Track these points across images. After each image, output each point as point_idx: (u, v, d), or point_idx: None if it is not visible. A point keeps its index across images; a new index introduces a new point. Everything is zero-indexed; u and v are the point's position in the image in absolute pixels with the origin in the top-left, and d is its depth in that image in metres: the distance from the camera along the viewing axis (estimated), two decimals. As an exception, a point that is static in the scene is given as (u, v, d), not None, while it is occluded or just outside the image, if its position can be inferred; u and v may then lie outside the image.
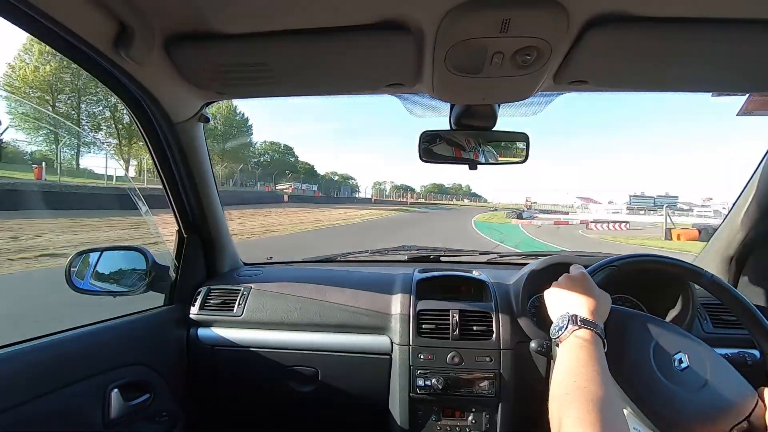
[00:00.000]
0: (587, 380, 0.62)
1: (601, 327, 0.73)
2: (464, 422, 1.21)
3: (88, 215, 11.96)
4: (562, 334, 0.73)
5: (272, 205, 29.31)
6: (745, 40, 0.76)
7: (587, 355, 0.67)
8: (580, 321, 0.72)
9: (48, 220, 11.20)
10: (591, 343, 0.69)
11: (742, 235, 1.24)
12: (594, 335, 0.71)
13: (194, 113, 1.16)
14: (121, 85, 0.98)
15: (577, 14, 0.71)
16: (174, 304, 1.38)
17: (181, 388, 1.33)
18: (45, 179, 16.21)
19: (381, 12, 0.74)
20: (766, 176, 1.13)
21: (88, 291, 1.27)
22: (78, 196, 14.24)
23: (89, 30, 0.76)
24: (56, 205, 12.93)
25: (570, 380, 0.63)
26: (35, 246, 7.45)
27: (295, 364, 1.32)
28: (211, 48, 0.85)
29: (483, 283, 1.34)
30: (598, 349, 0.69)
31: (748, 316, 0.83)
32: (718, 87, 1.00)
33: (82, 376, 1.01)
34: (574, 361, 0.67)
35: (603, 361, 0.67)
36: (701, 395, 0.72)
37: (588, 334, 0.71)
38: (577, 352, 0.68)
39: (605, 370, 0.66)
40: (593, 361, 0.66)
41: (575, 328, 0.72)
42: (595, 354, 0.67)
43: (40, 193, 13.85)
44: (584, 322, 0.72)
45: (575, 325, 0.72)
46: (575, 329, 0.72)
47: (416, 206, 56.09)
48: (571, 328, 0.72)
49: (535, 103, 1.12)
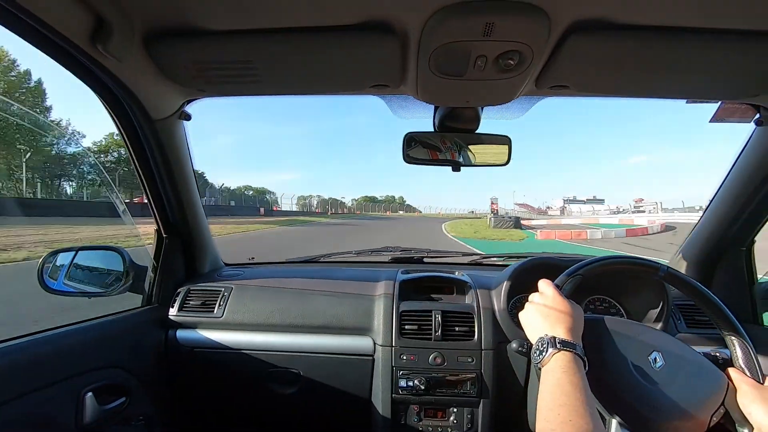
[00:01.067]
0: (572, 413, 0.62)
1: (580, 346, 0.74)
2: (446, 422, 1.22)
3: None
4: (543, 358, 0.73)
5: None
6: (719, 50, 0.79)
7: (570, 382, 0.67)
8: (559, 344, 0.73)
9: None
10: (572, 366, 0.70)
11: (714, 238, 1.28)
12: (574, 356, 0.71)
13: (175, 110, 1.14)
14: (99, 81, 0.95)
15: (559, 20, 0.73)
16: (152, 305, 1.35)
17: (158, 391, 1.30)
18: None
19: (366, 13, 0.74)
20: (735, 181, 1.17)
21: (62, 292, 1.23)
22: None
23: (65, 24, 0.74)
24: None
25: (555, 413, 0.63)
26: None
27: (276, 366, 1.31)
28: (193, 44, 0.83)
29: (465, 284, 1.35)
30: (580, 372, 0.69)
31: (703, 300, 0.86)
32: (693, 95, 1.03)
33: (54, 379, 0.98)
34: (557, 390, 0.67)
35: (586, 386, 0.68)
36: (679, 391, 0.75)
37: (568, 357, 0.71)
38: (559, 377, 0.68)
39: (589, 396, 0.66)
40: (576, 389, 0.66)
41: (555, 352, 0.72)
42: (577, 380, 0.68)
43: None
44: (563, 344, 0.73)
45: (555, 348, 0.72)
46: (555, 353, 0.72)
47: (337, 217, 53.72)
48: (551, 352, 0.72)
49: (517, 106, 1.14)
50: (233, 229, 19.26)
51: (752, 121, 1.07)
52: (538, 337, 0.77)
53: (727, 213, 1.21)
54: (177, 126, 1.19)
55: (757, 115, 1.05)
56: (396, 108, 1.18)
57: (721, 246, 1.27)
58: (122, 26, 0.77)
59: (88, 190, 32.07)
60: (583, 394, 0.66)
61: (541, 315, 0.81)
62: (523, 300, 1.29)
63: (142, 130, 1.13)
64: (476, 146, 1.20)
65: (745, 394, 0.74)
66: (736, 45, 0.78)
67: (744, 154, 1.13)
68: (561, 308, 0.80)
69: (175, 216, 1.35)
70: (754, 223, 1.19)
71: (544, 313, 0.81)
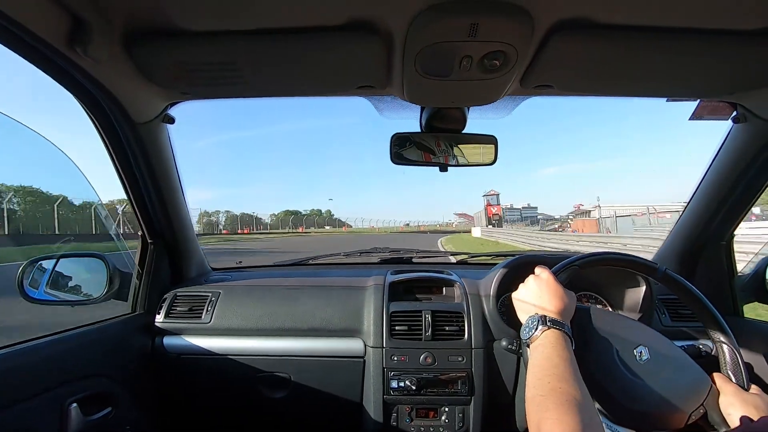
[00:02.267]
0: (561, 381, 0.64)
1: (568, 326, 0.77)
2: (437, 422, 1.22)
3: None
4: (532, 334, 0.75)
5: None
6: (698, 49, 0.82)
7: (558, 356, 0.69)
8: (549, 321, 0.75)
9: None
10: (561, 342, 0.72)
11: (695, 233, 1.31)
12: (563, 335, 0.74)
13: (157, 114, 1.11)
14: (78, 83, 0.92)
15: (543, 21, 0.73)
16: (138, 312, 1.33)
17: (146, 400, 1.28)
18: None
19: (350, 13, 0.74)
20: (714, 177, 1.20)
21: (43, 301, 1.20)
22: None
23: (40, 24, 0.71)
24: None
25: (545, 381, 0.65)
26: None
27: (266, 371, 1.29)
28: (175, 46, 0.81)
29: (454, 284, 1.36)
30: (568, 348, 0.72)
31: (699, 307, 0.88)
32: (673, 93, 1.06)
33: (38, 390, 0.95)
34: (546, 362, 0.69)
35: (573, 360, 0.70)
36: (662, 386, 0.76)
37: (557, 334, 0.74)
38: (549, 352, 0.71)
39: (576, 369, 0.68)
40: (565, 361, 0.68)
41: (545, 329, 0.74)
42: (566, 354, 0.70)
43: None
44: (553, 323, 0.75)
45: (545, 325, 0.75)
46: (545, 330, 0.74)
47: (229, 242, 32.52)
48: (541, 329, 0.75)
49: (503, 106, 1.15)
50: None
51: (729, 118, 1.10)
52: (528, 316, 0.79)
53: (707, 209, 1.24)
54: (160, 129, 1.17)
55: (734, 113, 1.08)
56: (382, 108, 1.18)
57: (702, 241, 1.30)
58: (101, 27, 0.75)
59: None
60: (572, 366, 0.68)
61: (534, 295, 0.83)
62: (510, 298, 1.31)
63: (124, 135, 1.10)
64: (463, 146, 1.20)
65: (727, 398, 0.76)
66: (714, 44, 0.80)
67: (722, 150, 1.16)
68: (554, 290, 0.82)
69: (160, 221, 1.33)
70: (733, 218, 1.23)
71: (537, 293, 0.83)
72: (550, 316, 0.77)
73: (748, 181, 1.14)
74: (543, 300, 0.81)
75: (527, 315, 0.81)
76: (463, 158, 1.20)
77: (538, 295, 0.82)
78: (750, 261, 1.30)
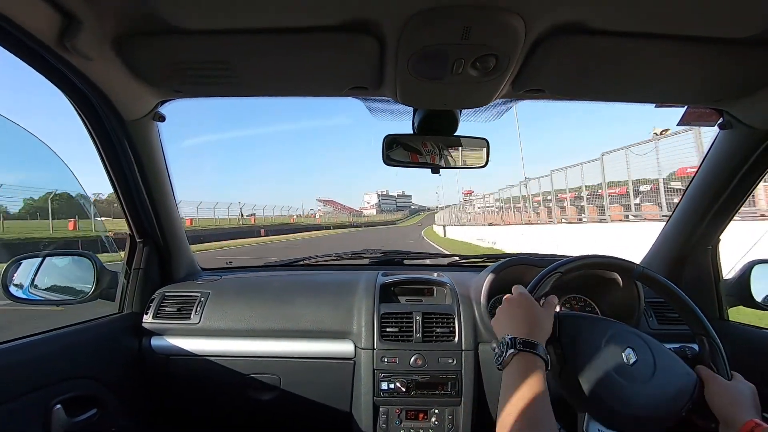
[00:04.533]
0: (528, 423, 0.63)
1: (542, 347, 0.74)
2: (427, 423, 1.22)
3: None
4: (503, 359, 0.73)
5: None
6: (686, 56, 0.83)
7: (529, 388, 0.67)
8: (519, 344, 0.73)
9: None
10: (532, 368, 0.70)
11: (683, 237, 1.33)
12: (534, 357, 0.72)
13: (148, 111, 1.10)
14: (67, 80, 0.91)
15: (535, 25, 0.74)
16: (125, 313, 1.31)
17: (133, 402, 1.26)
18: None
19: (344, 14, 0.74)
20: (701, 182, 1.22)
21: (28, 301, 1.18)
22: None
23: (30, 20, 0.70)
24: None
25: (511, 419, 0.64)
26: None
27: (256, 372, 1.29)
28: (167, 43, 0.81)
29: (445, 286, 1.36)
30: (540, 374, 0.69)
31: (678, 303, 0.90)
32: (661, 99, 1.08)
33: (20, 391, 0.93)
34: (516, 396, 0.67)
35: (545, 392, 0.68)
36: (651, 386, 0.77)
37: (528, 358, 0.71)
38: (518, 382, 0.69)
39: (547, 404, 0.66)
40: (534, 395, 0.66)
41: (514, 352, 0.72)
42: (536, 384, 0.68)
43: None
44: (524, 344, 0.73)
45: (513, 348, 0.72)
46: (514, 353, 0.72)
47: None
48: (510, 353, 0.72)
49: (494, 109, 1.15)
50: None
51: (716, 124, 1.12)
52: (500, 338, 0.77)
53: (694, 213, 1.26)
54: (150, 127, 1.16)
55: (720, 119, 1.10)
56: (374, 110, 1.19)
57: (688, 245, 1.32)
58: (92, 23, 0.74)
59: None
60: (541, 402, 0.66)
61: (507, 317, 0.82)
62: (502, 300, 1.31)
63: (113, 132, 1.09)
64: (455, 148, 1.21)
65: (712, 390, 0.78)
66: (702, 52, 0.81)
67: (709, 156, 1.18)
68: (526, 310, 0.80)
69: (150, 220, 1.31)
70: (719, 222, 1.24)
71: (509, 315, 0.81)
72: (521, 338, 0.74)
73: (734, 187, 1.15)
74: (514, 321, 0.79)
75: (500, 338, 0.79)
76: (454, 160, 1.20)
77: (510, 316, 0.81)
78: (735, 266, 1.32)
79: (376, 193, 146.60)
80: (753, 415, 0.73)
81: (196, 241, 17.51)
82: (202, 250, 15.80)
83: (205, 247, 17.24)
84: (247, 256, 14.02)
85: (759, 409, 0.77)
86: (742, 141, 1.08)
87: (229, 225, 34.83)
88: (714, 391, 0.77)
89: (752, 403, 0.77)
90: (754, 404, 0.77)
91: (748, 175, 1.12)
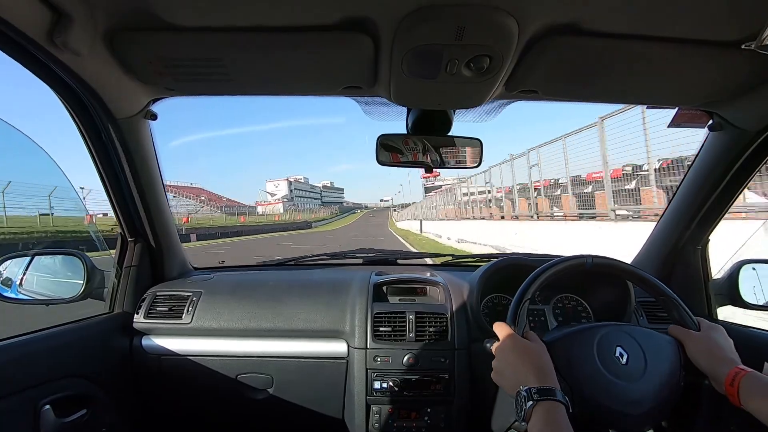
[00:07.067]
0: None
1: (560, 392, 0.70)
2: (420, 422, 1.23)
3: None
4: (524, 415, 0.69)
5: None
6: (677, 58, 0.84)
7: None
8: (535, 394, 0.69)
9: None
10: (554, 418, 0.67)
11: (672, 238, 1.34)
12: (554, 405, 0.68)
13: (140, 109, 1.08)
14: (57, 77, 0.89)
15: (528, 26, 0.74)
16: (116, 312, 1.30)
17: (124, 402, 1.25)
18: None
19: (339, 13, 0.74)
20: (691, 183, 1.23)
21: (16, 300, 1.16)
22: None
23: (19, 15, 0.68)
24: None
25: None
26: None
27: (248, 372, 1.28)
28: (160, 40, 0.80)
29: (438, 285, 1.36)
30: (563, 421, 0.67)
31: (635, 277, 0.94)
32: (653, 100, 1.09)
33: (8, 391, 0.92)
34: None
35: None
36: (648, 376, 0.79)
37: (547, 407, 0.68)
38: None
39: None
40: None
41: (534, 405, 0.69)
42: (562, 430, 0.65)
43: None
44: (540, 393, 0.69)
45: (532, 400, 0.69)
46: (534, 405, 0.68)
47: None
48: (530, 405, 0.69)
49: (488, 109, 1.16)
50: None
51: (706, 126, 1.13)
52: (515, 393, 0.73)
53: (684, 214, 1.28)
54: (142, 126, 1.15)
55: (710, 121, 1.11)
56: (368, 109, 1.19)
57: (678, 245, 1.33)
58: (82, 19, 0.73)
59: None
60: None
61: (508, 367, 0.79)
62: (494, 300, 1.32)
63: (104, 130, 1.07)
64: (448, 148, 1.21)
65: (690, 349, 0.82)
66: (693, 54, 0.82)
67: (699, 158, 1.19)
68: (521, 352, 0.78)
69: (141, 218, 1.30)
70: (708, 223, 1.26)
71: (509, 363, 0.78)
72: (535, 387, 0.70)
73: (723, 188, 1.17)
74: (518, 370, 0.75)
75: (513, 392, 0.74)
76: (448, 161, 1.20)
77: (511, 365, 0.78)
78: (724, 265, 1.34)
79: (287, 179, 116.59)
80: (731, 363, 0.77)
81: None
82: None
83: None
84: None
85: (734, 351, 0.81)
86: (731, 143, 1.10)
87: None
88: (693, 350, 0.82)
89: (728, 350, 0.81)
90: (729, 349, 0.81)
91: (737, 175, 1.14)
